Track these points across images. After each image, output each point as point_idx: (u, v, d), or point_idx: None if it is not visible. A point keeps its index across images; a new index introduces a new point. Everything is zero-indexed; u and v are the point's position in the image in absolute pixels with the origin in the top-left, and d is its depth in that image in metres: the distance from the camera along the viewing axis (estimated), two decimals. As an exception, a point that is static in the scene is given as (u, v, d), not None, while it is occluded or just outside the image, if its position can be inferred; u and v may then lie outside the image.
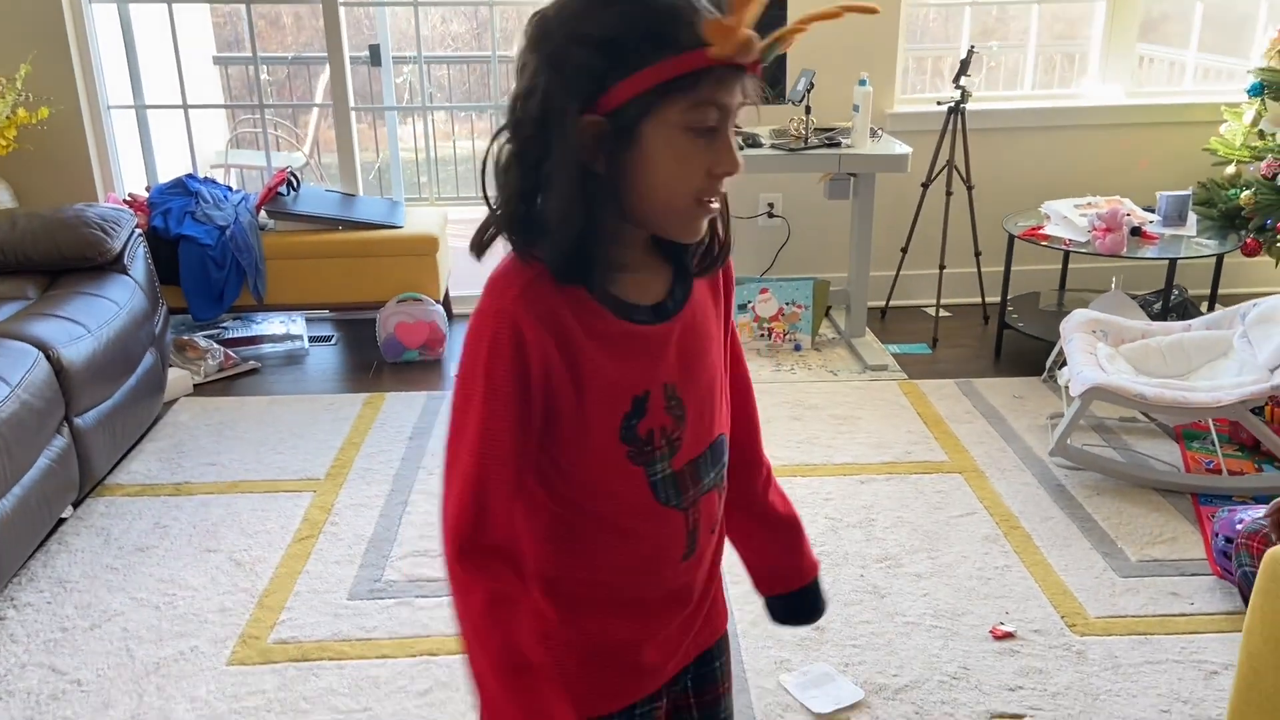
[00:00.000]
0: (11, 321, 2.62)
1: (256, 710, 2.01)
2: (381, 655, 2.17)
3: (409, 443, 3.11)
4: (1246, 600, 1.60)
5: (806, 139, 3.52)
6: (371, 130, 6.30)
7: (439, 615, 2.29)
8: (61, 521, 2.65)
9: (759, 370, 3.60)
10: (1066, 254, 3.88)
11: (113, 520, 2.67)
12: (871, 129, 3.64)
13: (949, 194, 3.74)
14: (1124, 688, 2.06)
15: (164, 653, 2.18)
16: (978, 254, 3.93)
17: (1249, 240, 3.48)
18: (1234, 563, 2.22)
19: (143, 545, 2.57)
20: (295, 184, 3.77)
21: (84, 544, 2.57)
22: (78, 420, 2.63)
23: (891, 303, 4.20)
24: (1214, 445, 2.94)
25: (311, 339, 3.92)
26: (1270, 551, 1.44)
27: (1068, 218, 3.52)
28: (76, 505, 2.72)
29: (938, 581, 2.41)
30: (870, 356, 3.70)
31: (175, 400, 3.37)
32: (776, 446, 3.05)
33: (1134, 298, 3.64)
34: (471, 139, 6.41)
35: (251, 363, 3.68)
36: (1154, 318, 3.43)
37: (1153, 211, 3.57)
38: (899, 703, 2.03)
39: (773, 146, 3.53)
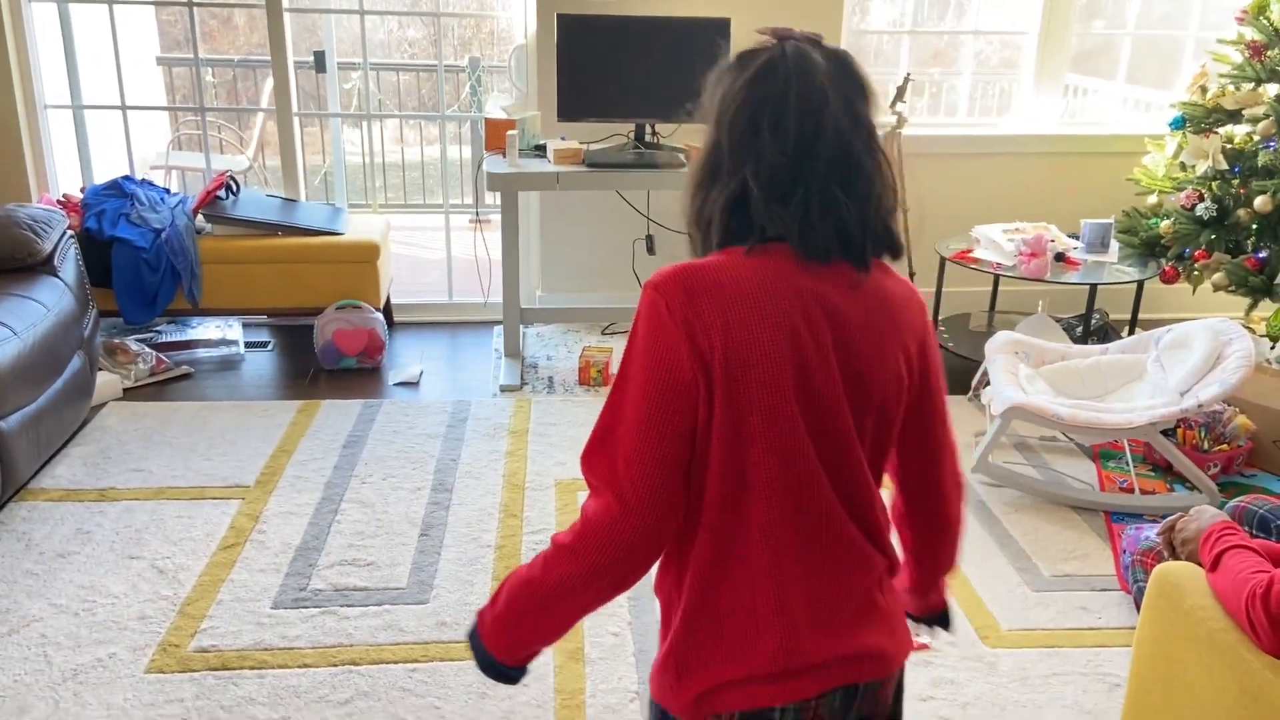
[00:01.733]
0: (-67, 322, 2.58)
1: (173, 719, 2.00)
2: (303, 664, 2.17)
3: (342, 451, 3.10)
4: (1140, 615, 1.67)
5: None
6: (319, 134, 6.26)
7: (363, 625, 2.30)
8: (-20, 526, 2.61)
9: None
10: (996, 277, 3.99)
11: (34, 525, 2.64)
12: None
13: (884, 215, 3.82)
14: (1031, 699, 2.13)
15: (82, 659, 2.16)
16: (911, 274, 4.02)
17: (1167, 268, 3.61)
18: (1132, 579, 2.30)
19: (64, 551, 2.54)
20: (235, 188, 3.74)
21: (4, 549, 2.53)
22: (1, 424, 2.59)
23: (828, 320, 4.27)
24: (1128, 465, 3.04)
25: (248, 344, 3.89)
26: (1157, 568, 1.51)
27: (996, 242, 3.62)
28: (-3, 509, 2.68)
29: (858, 595, 2.47)
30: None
31: (104, 404, 3.33)
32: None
33: (1059, 321, 3.75)
34: (420, 145, 6.40)
35: (185, 368, 3.64)
36: (1076, 341, 3.54)
37: (1078, 238, 3.69)
38: (814, 713, 2.07)
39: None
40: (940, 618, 1.37)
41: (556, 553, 1.08)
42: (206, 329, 3.90)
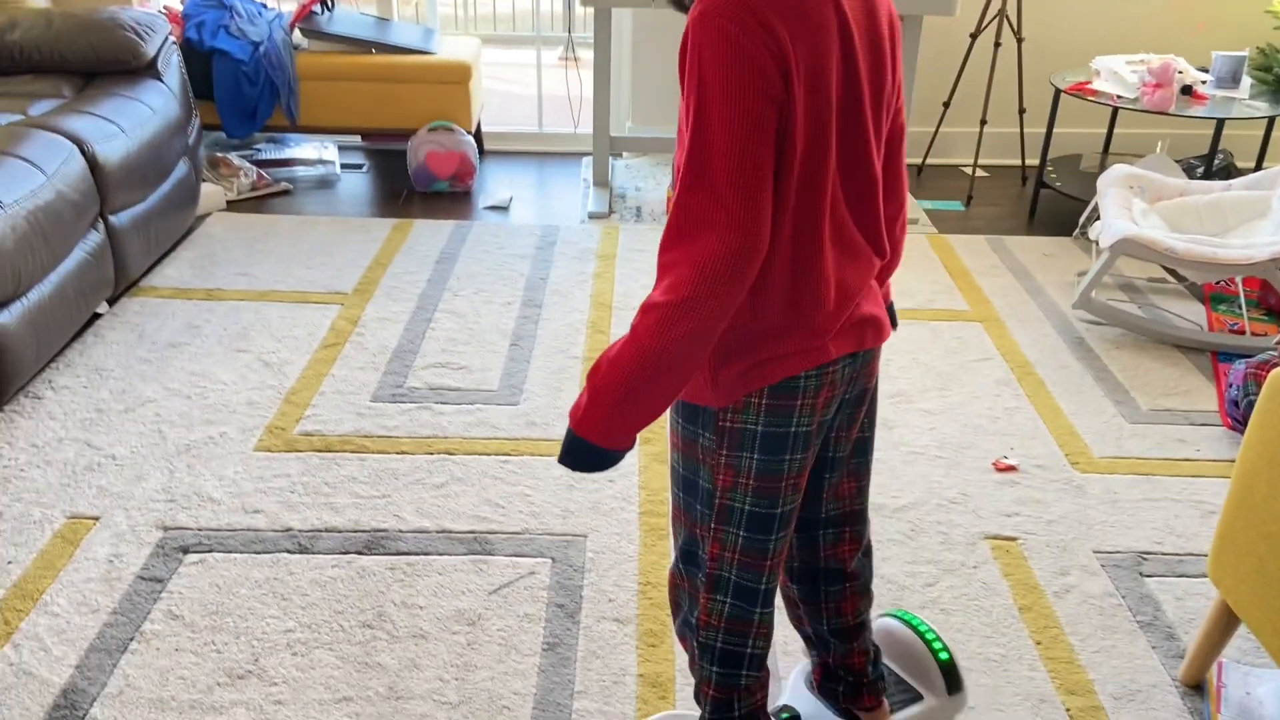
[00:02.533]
0: (48, 116, 2.65)
1: (281, 491, 2.11)
2: (401, 451, 2.25)
3: (435, 266, 3.15)
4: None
5: (853, -23, 3.40)
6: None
7: (457, 420, 2.37)
8: (97, 317, 2.73)
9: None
10: (1113, 114, 3.78)
11: (147, 318, 2.75)
12: (922, -29, 3.50)
13: (997, 45, 3.62)
14: (1119, 520, 2.11)
15: (194, 436, 2.27)
16: (1022, 111, 3.83)
17: (1304, 105, 3.36)
18: (1240, 395, 2.22)
19: (175, 342, 2.65)
20: (330, 4, 3.71)
21: (119, 337, 2.66)
22: (113, 219, 2.68)
23: (928, 160, 4.13)
24: (1241, 308, 2.92)
25: (343, 165, 3.93)
26: (1276, 369, 1.45)
27: (1118, 73, 3.41)
28: (112, 303, 2.80)
29: (946, 418, 2.45)
30: (902, 210, 3.65)
31: (208, 214, 3.42)
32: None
33: (1178, 162, 3.56)
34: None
35: (284, 184, 3.70)
36: (1196, 180, 3.35)
37: (1207, 72, 3.45)
38: (896, 520, 2.09)
39: (818, -16, 3.41)
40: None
41: (666, 315, 1.03)
42: (304, 149, 3.94)
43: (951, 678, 1.52)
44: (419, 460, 2.23)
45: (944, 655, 1.53)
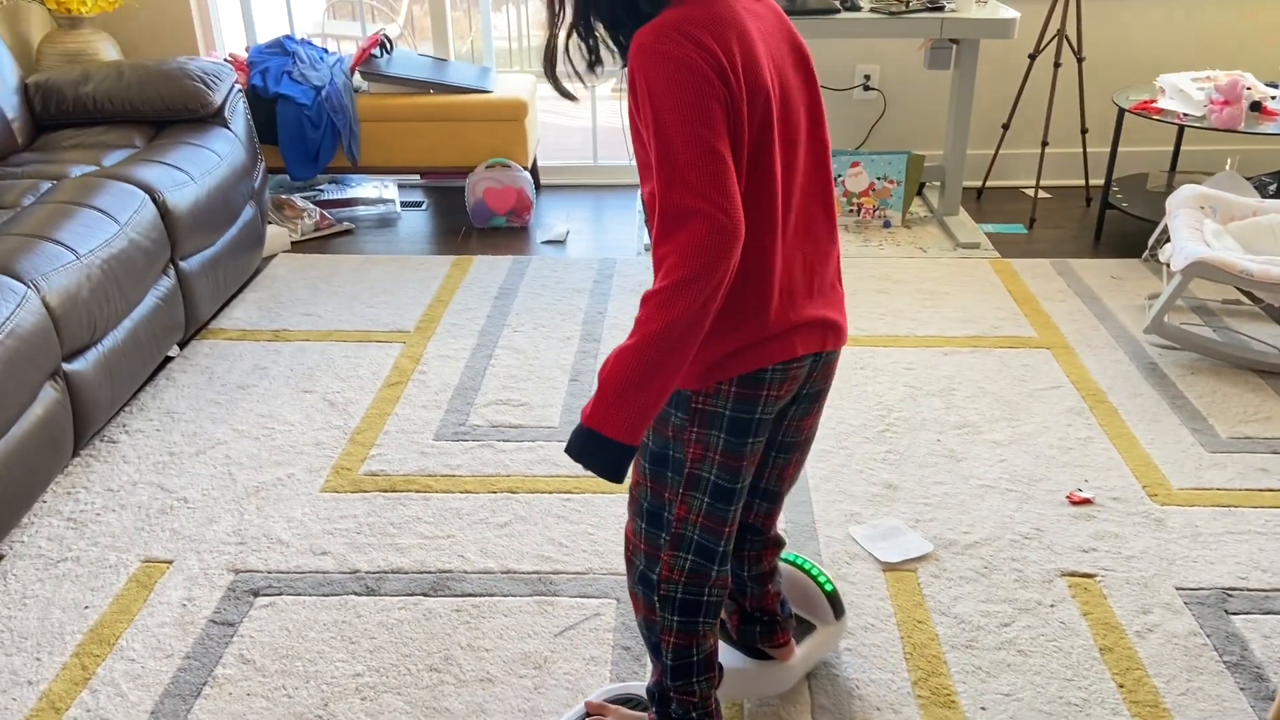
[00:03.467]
0: (120, 166, 2.72)
1: (348, 532, 2.13)
2: (465, 490, 2.26)
3: (494, 302, 3.17)
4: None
5: (908, 2, 3.38)
6: (465, 19, 6.24)
7: (519, 458, 2.37)
8: (169, 359, 2.79)
9: (845, 245, 3.55)
10: (1180, 132, 3.70)
11: (216, 360, 2.81)
12: (978, -6, 3.47)
13: (1057, 66, 3.57)
14: (1202, 555, 2.04)
15: (263, 478, 2.31)
16: (1084, 131, 3.77)
17: (1382, 118, 3.25)
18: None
19: (244, 384, 2.70)
20: (389, 47, 3.78)
21: (190, 380, 2.71)
22: (183, 264, 2.74)
23: (989, 183, 4.07)
24: (1322, 329, 2.82)
25: (403, 204, 3.99)
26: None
27: (1184, 91, 3.33)
28: (182, 345, 2.87)
29: (1016, 449, 2.39)
30: (962, 234, 3.61)
31: (274, 255, 3.49)
32: (860, 318, 3.03)
33: (1249, 180, 3.46)
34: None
35: (346, 224, 3.77)
36: (1269, 199, 3.26)
37: (1276, 87, 3.36)
38: (968, 558, 2.04)
39: (872, 10, 3.40)
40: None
41: (665, 298, 1.12)
42: (365, 188, 4.01)
43: (836, 604, 1.74)
44: (482, 499, 2.23)
45: (828, 586, 1.75)
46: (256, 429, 2.50)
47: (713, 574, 1.44)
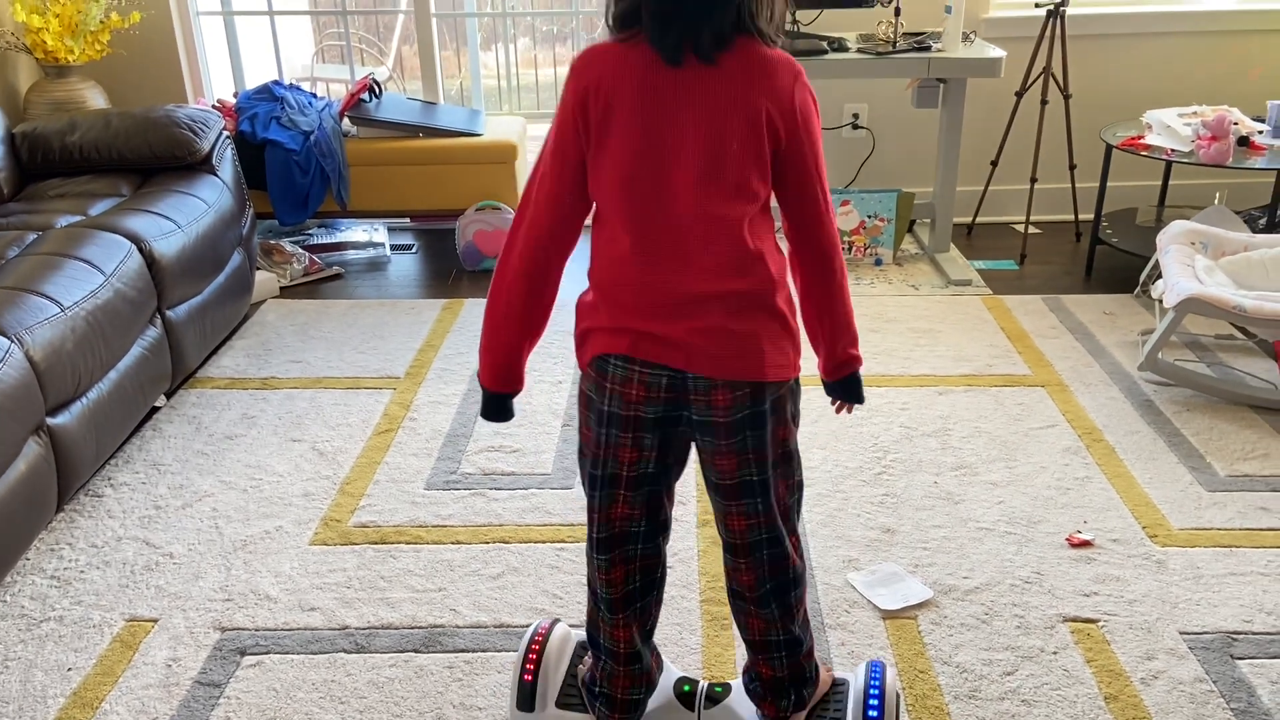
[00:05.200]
0: (106, 215, 2.70)
1: (337, 586, 2.09)
2: (456, 541, 2.23)
3: (486, 346, 3.14)
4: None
5: (895, 42, 3.40)
6: (455, 57, 6.28)
7: (511, 506, 2.34)
8: (155, 410, 2.76)
9: (838, 283, 3.54)
10: (1167, 167, 3.72)
11: (203, 410, 2.78)
12: (964, 33, 3.49)
13: (1044, 103, 3.59)
14: (1205, 597, 2.01)
15: (251, 531, 2.27)
16: (1072, 167, 3.78)
17: (1368, 151, 3.27)
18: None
19: (231, 434, 2.66)
20: (377, 91, 3.79)
21: (176, 430, 2.68)
22: (169, 313, 2.72)
23: (979, 219, 4.08)
24: (1317, 364, 2.81)
25: (393, 247, 3.98)
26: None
27: (1171, 127, 3.35)
28: (169, 395, 2.83)
29: (1014, 490, 2.37)
30: (954, 271, 3.60)
31: (262, 301, 3.46)
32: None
33: (1238, 213, 3.47)
34: (554, 66, 6.34)
35: (335, 268, 3.75)
36: (1258, 233, 3.26)
37: (1262, 122, 3.38)
38: (968, 604, 2.01)
39: (859, 51, 3.41)
40: (844, 385, 1.54)
41: (494, 276, 1.47)
42: (354, 232, 4.00)
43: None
44: (474, 550, 2.20)
45: (873, 714, 1.59)
46: (244, 480, 2.46)
47: (594, 561, 1.54)
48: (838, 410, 1.59)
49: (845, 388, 1.55)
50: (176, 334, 2.74)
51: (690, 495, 2.33)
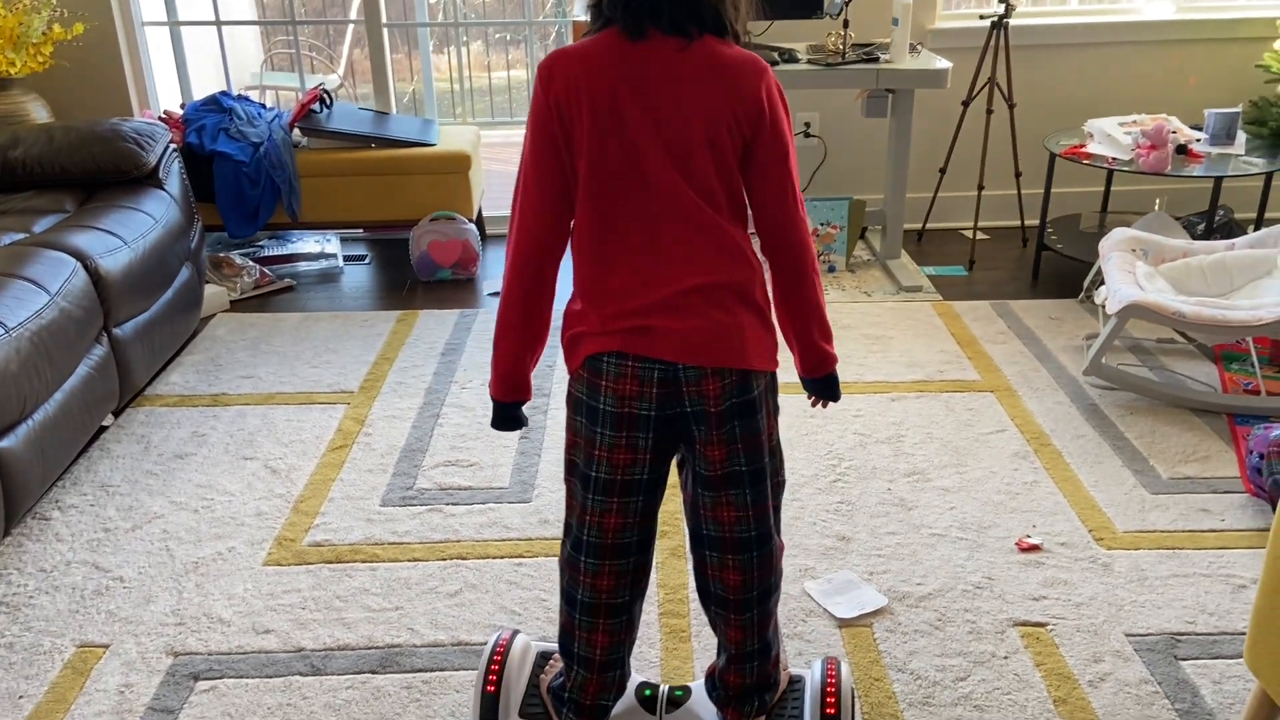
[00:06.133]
0: (50, 232, 2.66)
1: (292, 608, 2.07)
2: (413, 558, 2.22)
3: (441, 358, 3.13)
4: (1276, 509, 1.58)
5: (844, 54, 3.45)
6: (407, 60, 6.24)
7: (469, 522, 2.34)
8: (103, 429, 2.72)
9: (791, 291, 3.57)
10: (1109, 175, 3.80)
11: (152, 429, 2.74)
12: (911, 44, 3.55)
13: (990, 112, 3.65)
14: (1149, 599, 2.06)
15: (203, 553, 2.24)
16: (1018, 174, 3.85)
17: (1300, 158, 3.37)
18: (1265, 474, 2.19)
19: (181, 453, 2.63)
20: (328, 101, 3.76)
21: (125, 450, 2.64)
22: (116, 331, 2.68)
23: (928, 225, 4.14)
24: (1254, 367, 2.89)
25: (346, 258, 3.95)
26: (1301, 455, 1.42)
27: (1111, 135, 3.43)
28: (117, 414, 2.79)
29: (965, 496, 2.41)
30: (905, 278, 3.66)
31: (212, 316, 3.42)
32: (807, 365, 3.04)
33: (1178, 219, 3.56)
34: (507, 69, 6.33)
35: (287, 280, 3.71)
36: (1197, 239, 3.35)
37: (1200, 130, 3.47)
38: (922, 610, 2.04)
39: (809, 62, 3.45)
40: (820, 383, 1.57)
41: (501, 291, 1.50)
42: (306, 243, 3.96)
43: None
44: (431, 567, 2.19)
45: (830, 712, 1.60)
46: (195, 500, 2.43)
47: (581, 565, 1.54)
48: (814, 405, 1.63)
49: (822, 385, 1.58)
50: (124, 352, 2.69)
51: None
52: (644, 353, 1.43)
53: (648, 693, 1.70)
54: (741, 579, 1.54)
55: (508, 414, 1.54)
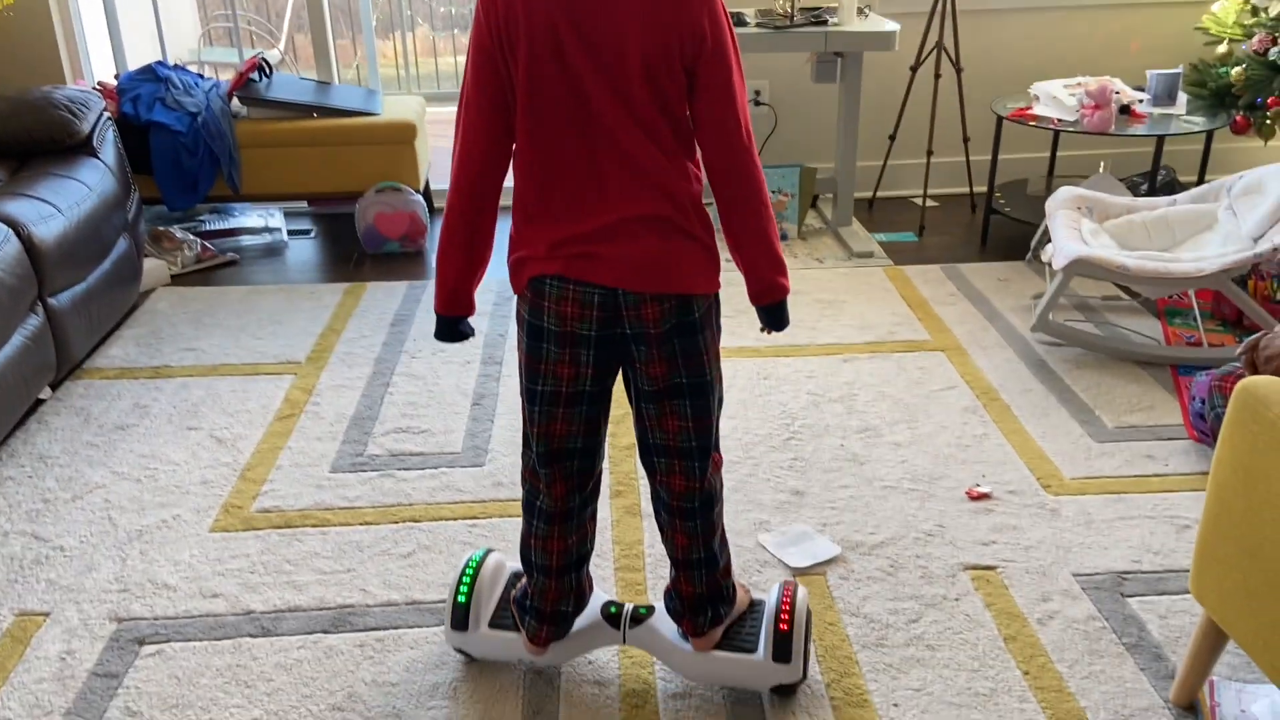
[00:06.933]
0: (-20, 200, 2.57)
1: (240, 572, 2.03)
2: (364, 522, 2.19)
3: (390, 329, 3.09)
4: (1218, 442, 1.61)
5: (792, 17, 3.44)
6: (351, 46, 6.13)
7: (421, 486, 2.31)
8: (40, 403, 2.64)
9: (743, 257, 3.57)
10: (1055, 138, 3.84)
11: (92, 401, 2.67)
12: (859, 7, 3.56)
13: (937, 77, 3.67)
14: (1096, 541, 2.09)
15: (146, 521, 2.19)
16: (966, 139, 3.88)
17: (1238, 118, 3.44)
18: (1207, 415, 2.23)
19: (123, 424, 2.56)
20: (268, 71, 3.68)
21: (63, 423, 2.57)
22: (52, 301, 2.60)
23: (879, 193, 4.16)
24: (1196, 320, 2.95)
25: (290, 232, 3.88)
26: (1241, 382, 1.44)
27: (1057, 98, 3.46)
28: (55, 387, 2.71)
29: (916, 450, 2.43)
30: (856, 244, 3.67)
31: (152, 290, 3.34)
32: (759, 329, 3.04)
33: (1122, 180, 3.61)
34: (454, 54, 6.24)
35: (230, 254, 3.64)
36: (1140, 197, 3.40)
37: (1143, 91, 3.52)
38: (874, 558, 2.06)
39: (758, 25, 3.45)
40: (767, 311, 1.57)
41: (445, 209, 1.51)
42: (249, 217, 3.88)
43: (780, 647, 1.64)
44: (384, 530, 2.16)
45: (783, 627, 1.65)
46: (138, 470, 2.37)
47: (540, 474, 1.60)
48: (763, 331, 1.63)
49: (769, 314, 1.57)
50: (60, 323, 2.62)
51: (604, 467, 2.32)
52: (585, 277, 1.45)
53: (613, 610, 1.73)
54: (685, 485, 1.59)
55: (452, 327, 1.57)
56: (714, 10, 1.39)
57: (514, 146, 1.46)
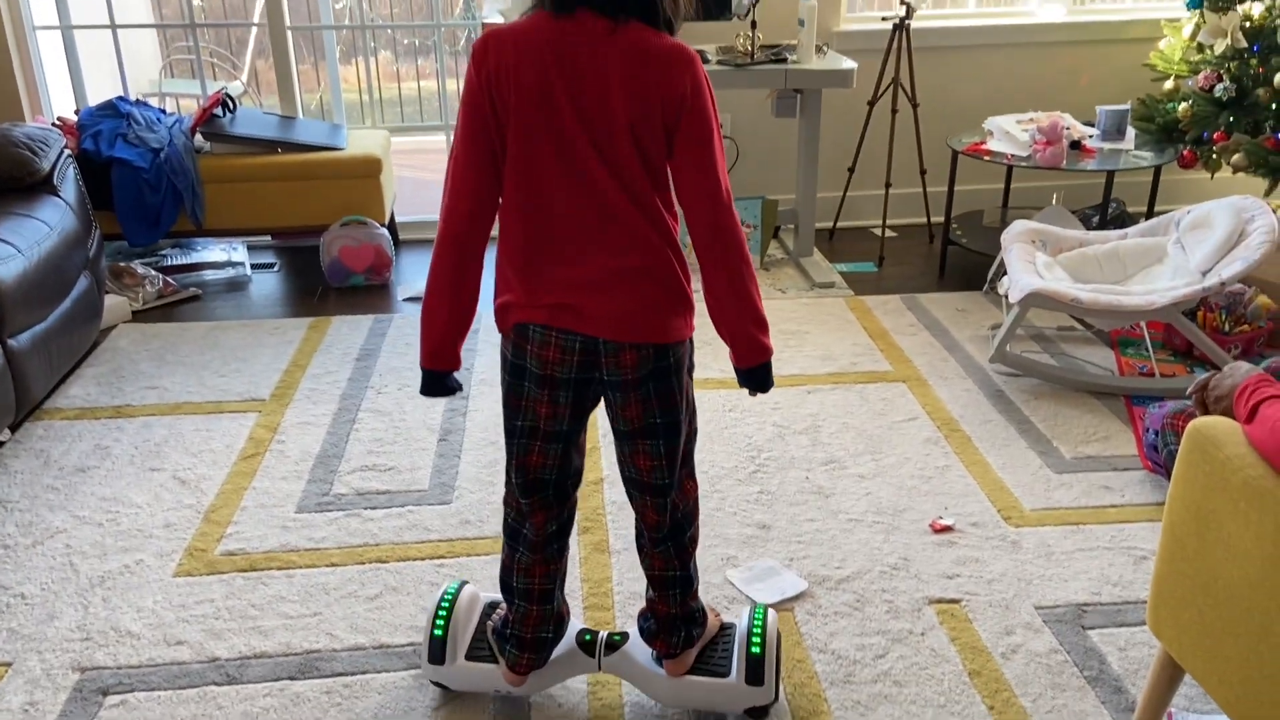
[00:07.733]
0: (-63, 240, 2.54)
1: (205, 618, 2.01)
2: (331, 564, 2.18)
3: (356, 364, 3.08)
4: (1171, 477, 1.65)
5: (753, 55, 3.50)
6: (314, 71, 6.13)
7: (388, 525, 2.30)
8: (-1, 445, 2.61)
9: (707, 289, 3.60)
10: (1009, 171, 3.93)
11: (51, 443, 2.63)
12: (818, 45, 3.62)
13: (894, 112, 3.75)
14: (1056, 573, 2.13)
15: (109, 566, 2.16)
16: (923, 172, 3.96)
17: (1186, 152, 3.54)
18: (1160, 448, 2.28)
19: (83, 466, 2.53)
20: (232, 106, 3.67)
21: (22, 465, 2.53)
22: (11, 342, 2.57)
23: (839, 224, 4.22)
24: (1148, 350, 3.02)
25: (254, 266, 3.86)
26: (1193, 422, 1.49)
27: (1010, 132, 3.55)
28: (14, 429, 2.68)
29: (880, 482, 2.46)
30: (818, 275, 3.72)
31: (113, 327, 3.31)
32: (725, 361, 3.07)
33: (1074, 212, 3.70)
34: (417, 79, 6.26)
35: (192, 290, 3.61)
36: (1092, 230, 3.48)
37: (1092, 126, 3.61)
38: (841, 592, 2.08)
39: (719, 63, 3.50)
40: (751, 374, 1.58)
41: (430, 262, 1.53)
42: (211, 251, 3.86)
43: (753, 670, 1.70)
44: (350, 572, 2.15)
45: (755, 650, 1.71)
46: (99, 514, 2.34)
47: (520, 503, 1.65)
48: (750, 394, 1.65)
49: (753, 376, 1.58)
50: (19, 364, 2.59)
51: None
52: (567, 327, 1.50)
53: (587, 637, 1.77)
54: (658, 518, 1.66)
55: (439, 381, 1.58)
56: (695, 75, 1.43)
57: (500, 197, 1.50)
